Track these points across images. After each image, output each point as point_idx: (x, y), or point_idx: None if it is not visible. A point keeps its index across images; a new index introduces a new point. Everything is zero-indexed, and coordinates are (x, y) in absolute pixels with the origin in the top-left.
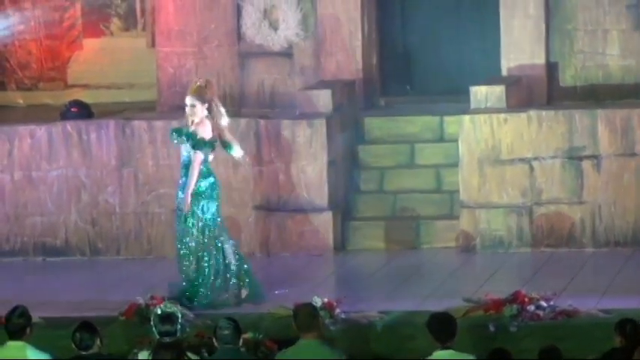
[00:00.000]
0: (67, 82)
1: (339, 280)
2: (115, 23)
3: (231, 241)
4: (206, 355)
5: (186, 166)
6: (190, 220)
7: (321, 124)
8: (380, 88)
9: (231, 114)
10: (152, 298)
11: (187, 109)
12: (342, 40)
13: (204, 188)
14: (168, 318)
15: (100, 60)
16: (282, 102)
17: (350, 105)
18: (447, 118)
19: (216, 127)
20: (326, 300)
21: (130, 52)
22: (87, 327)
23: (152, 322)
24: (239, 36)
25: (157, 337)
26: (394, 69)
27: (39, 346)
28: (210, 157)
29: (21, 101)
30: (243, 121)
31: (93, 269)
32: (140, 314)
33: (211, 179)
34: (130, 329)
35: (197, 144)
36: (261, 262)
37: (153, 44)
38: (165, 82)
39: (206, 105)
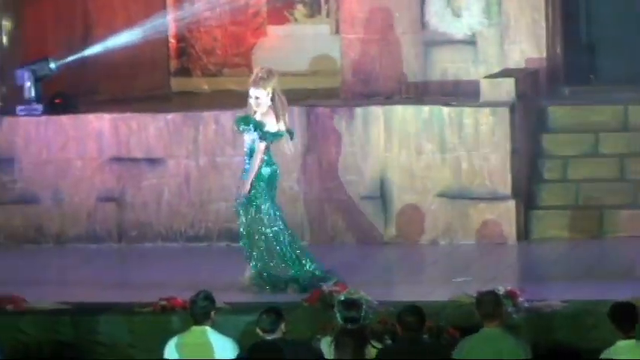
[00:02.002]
0: (252, 68)
1: (521, 268)
2: (300, 10)
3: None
4: (389, 341)
5: (250, 154)
6: (258, 210)
7: (504, 113)
8: (564, 77)
9: (414, 102)
10: (335, 284)
11: (252, 101)
12: (526, 28)
13: (267, 176)
14: (353, 304)
15: (284, 47)
16: (465, 90)
17: (533, 93)
18: (632, 107)
19: (277, 117)
20: (509, 288)
21: (313, 39)
22: (273, 311)
23: (336, 309)
24: (423, 24)
25: (341, 323)
26: (578, 58)
27: (223, 331)
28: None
29: (206, 87)
30: (426, 109)
31: None
32: (323, 300)
33: (274, 167)
34: (313, 315)
35: (265, 135)
36: (444, 250)
37: (337, 31)
38: (349, 69)
39: (269, 96)
